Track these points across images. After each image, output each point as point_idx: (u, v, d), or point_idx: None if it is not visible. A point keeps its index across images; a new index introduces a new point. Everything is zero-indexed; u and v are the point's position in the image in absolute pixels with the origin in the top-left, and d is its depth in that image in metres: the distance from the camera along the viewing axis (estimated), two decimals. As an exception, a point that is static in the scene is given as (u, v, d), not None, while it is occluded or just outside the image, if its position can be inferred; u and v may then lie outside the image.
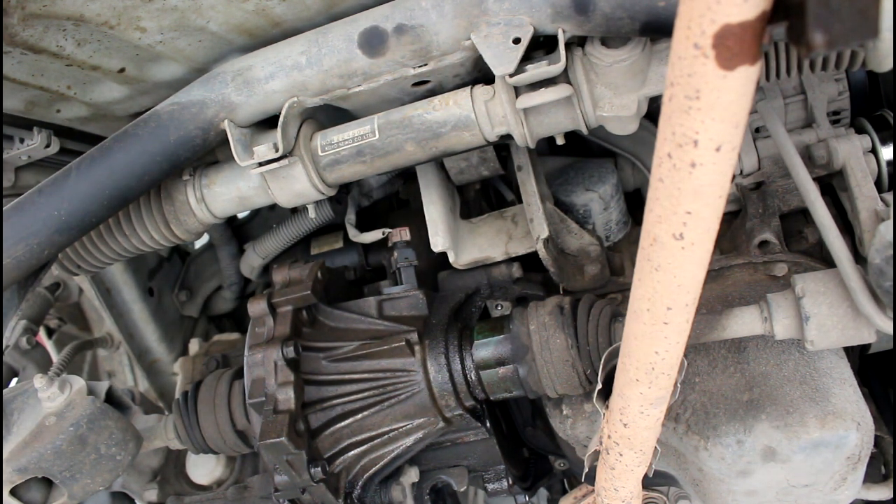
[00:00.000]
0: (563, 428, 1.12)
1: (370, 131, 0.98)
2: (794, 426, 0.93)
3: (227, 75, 0.98)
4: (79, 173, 0.98)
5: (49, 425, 1.05)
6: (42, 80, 0.98)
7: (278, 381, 1.00)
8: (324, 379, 1.05)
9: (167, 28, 0.92)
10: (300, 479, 0.98)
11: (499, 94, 0.93)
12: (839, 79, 1.22)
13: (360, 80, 0.95)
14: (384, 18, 0.91)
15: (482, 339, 1.06)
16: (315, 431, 1.02)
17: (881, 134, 1.17)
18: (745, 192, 1.19)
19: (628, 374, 0.68)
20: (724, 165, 0.45)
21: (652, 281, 0.55)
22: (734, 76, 0.39)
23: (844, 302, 0.86)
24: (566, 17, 0.84)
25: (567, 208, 1.25)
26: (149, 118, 0.99)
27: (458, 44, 0.90)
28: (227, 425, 1.15)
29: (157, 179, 1.01)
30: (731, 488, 1.00)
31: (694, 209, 0.47)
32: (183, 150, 0.99)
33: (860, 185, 1.06)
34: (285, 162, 0.97)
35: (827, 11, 0.34)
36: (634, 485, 0.89)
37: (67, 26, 0.88)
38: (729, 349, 1.04)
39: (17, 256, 0.95)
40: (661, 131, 0.45)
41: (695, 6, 0.38)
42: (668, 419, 1.00)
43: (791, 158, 1.01)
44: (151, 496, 1.44)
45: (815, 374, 0.97)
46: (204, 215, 1.10)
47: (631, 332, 0.63)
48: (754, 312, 0.92)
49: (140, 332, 1.80)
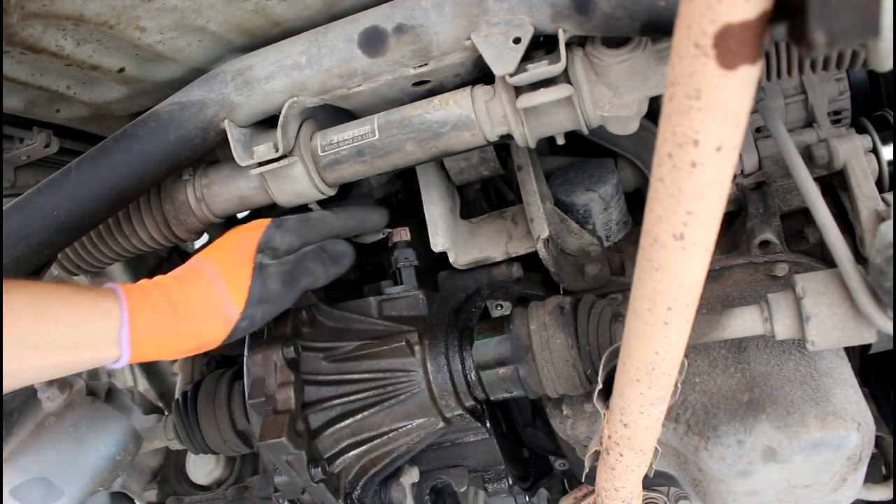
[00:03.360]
0: (563, 428, 1.12)
1: (370, 131, 0.98)
2: (795, 426, 0.93)
3: (226, 75, 0.98)
4: (78, 173, 0.98)
5: (49, 425, 1.05)
6: (42, 79, 0.98)
7: (278, 381, 1.00)
8: (324, 379, 1.05)
9: (167, 28, 0.92)
10: (300, 480, 0.98)
11: (499, 93, 0.93)
12: (840, 78, 1.22)
13: (360, 80, 0.95)
14: (384, 18, 0.91)
15: (482, 339, 1.06)
16: (315, 432, 1.02)
17: (882, 134, 1.17)
18: (745, 191, 1.19)
19: (629, 374, 0.68)
20: (724, 165, 0.45)
21: (652, 281, 0.55)
22: (735, 76, 0.39)
23: (845, 302, 0.86)
24: (566, 17, 0.84)
25: (567, 208, 1.25)
26: (149, 118, 0.99)
27: (458, 44, 0.90)
28: (226, 425, 1.15)
29: (156, 179, 1.01)
30: (732, 488, 1.00)
31: (694, 209, 0.47)
32: (183, 150, 0.99)
33: (861, 184, 1.06)
34: (285, 162, 0.97)
35: (828, 11, 0.34)
36: (635, 485, 0.89)
37: (67, 26, 0.88)
38: (729, 349, 1.03)
39: (16, 256, 0.94)
40: (661, 131, 0.45)
41: (695, 6, 0.38)
42: (668, 419, 1.00)
43: (792, 158, 1.01)
44: (151, 496, 1.44)
45: (815, 374, 0.97)
46: (204, 215, 1.10)
47: (631, 332, 0.63)
48: (755, 312, 0.92)
49: (140, 332, 1.80)
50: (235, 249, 0.91)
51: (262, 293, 0.89)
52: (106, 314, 0.80)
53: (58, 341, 0.75)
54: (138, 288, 0.85)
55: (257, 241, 0.92)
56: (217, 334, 0.88)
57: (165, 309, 0.84)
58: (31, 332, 0.73)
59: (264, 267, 0.90)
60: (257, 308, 0.89)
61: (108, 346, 0.80)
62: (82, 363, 0.80)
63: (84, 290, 0.80)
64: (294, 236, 0.94)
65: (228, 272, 0.88)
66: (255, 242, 0.92)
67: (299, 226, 0.96)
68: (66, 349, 0.77)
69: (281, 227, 0.94)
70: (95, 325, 0.79)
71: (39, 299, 0.75)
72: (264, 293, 0.89)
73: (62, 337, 0.76)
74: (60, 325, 0.75)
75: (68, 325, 0.76)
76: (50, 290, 0.77)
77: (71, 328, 0.76)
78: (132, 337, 0.81)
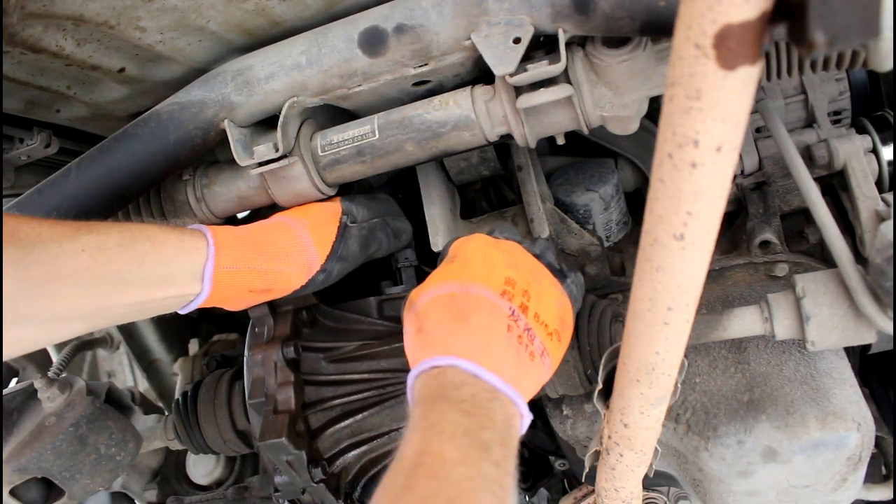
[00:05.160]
0: (563, 428, 1.12)
1: (370, 131, 0.98)
2: (795, 427, 0.93)
3: (227, 75, 0.98)
4: (78, 173, 0.98)
5: (49, 425, 1.05)
6: (42, 79, 0.98)
7: (278, 381, 1.00)
8: (324, 379, 1.05)
9: (167, 28, 0.92)
10: (300, 480, 0.98)
11: (499, 93, 0.93)
12: (840, 79, 1.22)
13: (360, 80, 0.95)
14: (384, 18, 0.91)
15: (482, 339, 1.05)
16: (315, 432, 1.02)
17: (882, 134, 1.17)
18: (745, 192, 1.19)
19: (629, 374, 0.68)
20: (724, 166, 0.45)
21: (652, 281, 0.55)
22: (735, 76, 0.39)
23: (845, 302, 0.86)
24: (566, 17, 0.84)
25: (567, 208, 1.25)
26: (149, 118, 0.99)
27: (458, 44, 0.90)
28: (227, 426, 1.15)
29: (156, 179, 1.01)
30: (732, 489, 1.00)
31: (694, 209, 0.47)
32: (183, 150, 0.99)
33: (861, 185, 1.06)
34: (285, 162, 0.97)
35: (828, 11, 0.34)
36: (635, 485, 0.89)
37: (67, 26, 0.88)
38: (729, 349, 1.03)
39: (16, 256, 0.94)
40: (661, 131, 0.45)
41: (695, 6, 0.38)
42: (668, 419, 1.00)
43: (792, 158, 1.01)
44: (151, 496, 1.44)
45: (815, 374, 0.97)
46: (204, 215, 1.10)
47: (631, 332, 0.63)
48: (755, 313, 0.92)
49: (140, 332, 1.80)
50: (323, 211, 0.99)
51: (342, 251, 0.95)
52: (192, 250, 0.83)
53: (146, 278, 0.78)
54: (223, 228, 0.89)
55: (340, 207, 1.00)
56: (296, 279, 0.92)
57: (249, 247, 0.88)
58: (122, 269, 0.76)
59: (348, 228, 0.97)
60: (336, 264, 0.95)
61: (191, 281, 0.83)
62: (168, 301, 0.83)
63: (170, 230, 0.84)
64: (365, 210, 1.02)
65: (315, 227, 0.95)
66: (339, 208, 0.99)
67: (368, 202, 1.05)
68: (154, 286, 0.80)
69: (355, 201, 1.03)
70: (181, 261, 0.82)
71: (129, 238, 0.78)
72: (344, 251, 0.96)
73: (150, 274, 0.79)
74: (148, 263, 0.78)
75: (156, 263, 0.79)
76: (139, 230, 0.80)
77: (158, 266, 0.80)
78: (215, 271, 0.84)
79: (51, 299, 0.71)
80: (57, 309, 0.72)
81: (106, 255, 0.75)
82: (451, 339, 0.70)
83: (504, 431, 0.63)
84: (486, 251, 0.81)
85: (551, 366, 0.78)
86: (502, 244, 0.84)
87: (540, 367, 0.76)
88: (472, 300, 0.73)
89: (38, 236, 0.71)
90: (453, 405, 0.63)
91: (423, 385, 0.69)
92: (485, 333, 0.71)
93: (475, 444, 0.59)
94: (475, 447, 0.59)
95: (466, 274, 0.76)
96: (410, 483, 0.55)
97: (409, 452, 0.59)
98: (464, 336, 0.70)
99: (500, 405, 0.66)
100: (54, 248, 0.71)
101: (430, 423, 0.61)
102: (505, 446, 0.62)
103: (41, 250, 0.70)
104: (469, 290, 0.74)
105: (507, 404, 0.66)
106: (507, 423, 0.65)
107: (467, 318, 0.72)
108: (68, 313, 0.74)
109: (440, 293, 0.76)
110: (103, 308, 0.77)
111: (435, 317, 0.74)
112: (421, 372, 0.70)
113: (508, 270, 0.77)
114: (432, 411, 0.63)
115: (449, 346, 0.69)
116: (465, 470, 0.56)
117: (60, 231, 0.73)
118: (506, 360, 0.69)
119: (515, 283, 0.76)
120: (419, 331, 0.75)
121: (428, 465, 0.56)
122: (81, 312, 0.75)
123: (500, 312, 0.73)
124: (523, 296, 0.76)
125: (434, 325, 0.73)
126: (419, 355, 0.72)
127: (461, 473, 0.56)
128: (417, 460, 0.57)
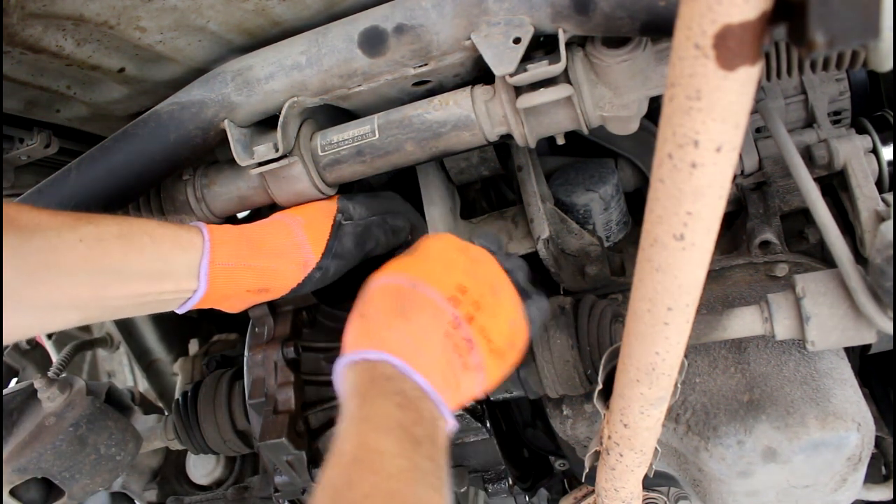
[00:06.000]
0: (563, 428, 1.12)
1: (370, 131, 0.98)
2: (795, 427, 0.93)
3: (226, 75, 0.98)
4: (78, 173, 0.98)
5: (49, 425, 1.05)
6: (42, 79, 0.98)
7: (278, 381, 1.00)
8: (324, 379, 1.05)
9: (167, 28, 0.92)
10: (300, 480, 0.98)
11: (499, 94, 0.93)
12: (840, 79, 1.22)
13: (360, 80, 0.95)
14: (384, 18, 0.91)
15: (482, 339, 1.05)
16: (315, 432, 1.02)
17: (882, 134, 1.17)
18: (745, 192, 1.19)
19: (629, 374, 0.68)
20: (724, 166, 0.45)
21: (652, 281, 0.55)
22: (735, 76, 0.39)
23: (845, 302, 0.86)
24: (566, 17, 0.84)
25: (567, 208, 1.25)
26: (149, 118, 0.99)
27: (458, 44, 0.90)
28: (227, 426, 1.15)
29: (156, 179, 1.01)
30: (732, 489, 1.00)
31: (694, 210, 0.47)
32: (183, 150, 0.99)
33: (861, 185, 1.06)
34: (285, 162, 0.97)
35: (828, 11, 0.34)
36: (635, 485, 0.89)
37: (67, 26, 0.88)
38: (729, 349, 1.03)
39: (16, 256, 0.94)
40: (661, 132, 0.45)
41: (695, 6, 0.38)
42: (668, 420, 1.00)
43: (792, 158, 1.01)
44: (151, 496, 1.44)
45: (815, 374, 0.97)
46: (204, 215, 1.10)
47: (631, 332, 0.63)
48: (755, 313, 0.92)
49: (140, 332, 1.80)
50: (318, 209, 0.98)
51: (337, 248, 0.94)
52: (188, 246, 0.83)
53: (143, 272, 0.78)
54: (220, 226, 0.89)
55: (336, 205, 0.99)
56: (292, 277, 0.92)
57: (245, 245, 0.88)
58: (119, 261, 0.76)
59: (342, 226, 0.97)
60: (332, 262, 0.94)
61: (187, 277, 0.83)
62: (164, 296, 0.82)
63: (168, 225, 0.84)
64: (363, 208, 1.02)
65: (309, 225, 0.94)
66: (334, 206, 0.99)
67: (367, 200, 1.05)
68: (151, 280, 0.80)
69: (352, 200, 1.02)
70: (177, 256, 0.82)
71: (128, 231, 0.78)
72: (339, 249, 0.95)
73: (147, 267, 0.79)
74: (146, 256, 0.78)
75: (153, 257, 0.79)
76: (137, 223, 0.80)
77: (156, 259, 0.80)
78: (211, 268, 0.84)
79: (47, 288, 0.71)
80: (52, 297, 0.72)
81: (103, 246, 0.75)
82: (387, 332, 0.71)
83: (433, 431, 0.64)
84: (448, 253, 0.81)
85: (485, 382, 0.77)
86: (470, 250, 0.84)
87: (472, 381, 0.75)
88: (417, 298, 0.74)
89: (37, 225, 0.71)
90: (387, 398, 0.64)
91: (356, 374, 0.69)
92: (421, 334, 0.71)
93: (409, 438, 0.60)
94: (409, 440, 0.60)
95: (420, 270, 0.77)
96: (350, 478, 0.56)
97: (348, 447, 0.59)
98: (400, 332, 0.71)
99: (427, 405, 0.66)
100: (52, 237, 0.71)
101: (365, 415, 0.62)
102: (435, 445, 0.63)
103: (39, 238, 0.70)
104: (417, 287, 0.74)
105: (433, 407, 0.67)
106: (435, 424, 0.65)
107: (408, 314, 0.72)
108: (63, 302, 0.74)
109: (389, 283, 0.77)
110: (99, 299, 0.77)
111: (378, 304, 0.75)
112: (352, 362, 0.71)
113: (464, 277, 0.78)
114: (366, 404, 0.64)
115: (384, 340, 0.70)
116: (403, 462, 0.58)
117: (60, 221, 0.73)
118: (435, 365, 0.69)
119: (467, 291, 0.76)
120: (361, 315, 0.76)
121: (366, 459, 0.57)
122: (77, 302, 0.75)
123: (442, 316, 0.73)
124: (472, 306, 0.75)
125: (375, 312, 0.74)
126: (355, 343, 0.73)
127: (399, 466, 0.57)
128: (356, 454, 0.58)
